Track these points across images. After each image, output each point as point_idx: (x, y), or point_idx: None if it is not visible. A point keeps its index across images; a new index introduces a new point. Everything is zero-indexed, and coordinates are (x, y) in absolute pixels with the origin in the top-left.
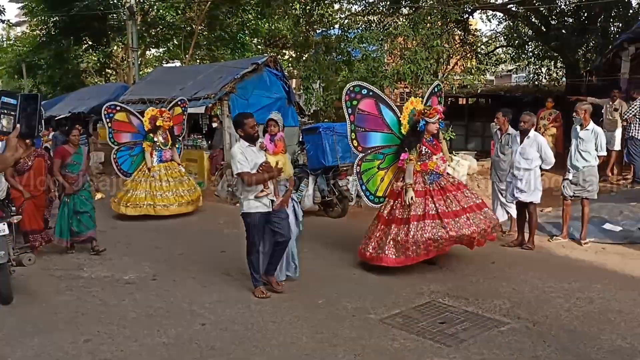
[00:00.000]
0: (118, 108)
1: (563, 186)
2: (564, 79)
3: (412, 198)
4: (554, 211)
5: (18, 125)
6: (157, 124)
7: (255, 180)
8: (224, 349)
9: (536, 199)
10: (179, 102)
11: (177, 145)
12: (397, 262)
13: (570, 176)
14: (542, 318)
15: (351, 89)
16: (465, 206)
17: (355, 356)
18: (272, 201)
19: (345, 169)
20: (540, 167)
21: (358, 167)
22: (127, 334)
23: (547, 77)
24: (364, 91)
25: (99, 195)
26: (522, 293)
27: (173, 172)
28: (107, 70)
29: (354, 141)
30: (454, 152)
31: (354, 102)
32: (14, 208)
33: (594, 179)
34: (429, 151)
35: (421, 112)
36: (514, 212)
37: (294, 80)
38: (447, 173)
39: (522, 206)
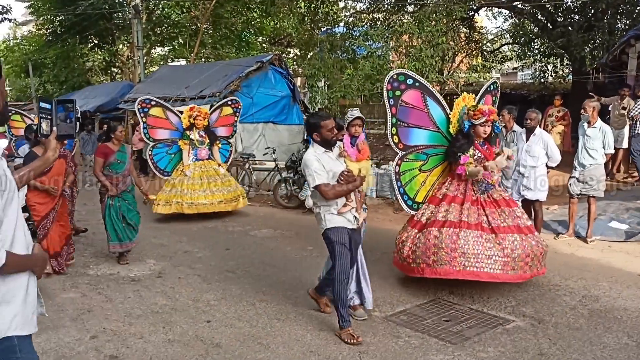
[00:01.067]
0: (153, 103)
1: (570, 184)
2: (570, 76)
3: (507, 157)
4: (559, 209)
5: (55, 128)
6: (190, 121)
7: (336, 193)
8: (229, 346)
9: (542, 196)
10: (230, 102)
11: (219, 146)
12: (442, 273)
13: (577, 174)
14: (547, 316)
15: (394, 77)
16: (522, 226)
17: (360, 354)
18: (356, 217)
19: None
20: (547, 165)
21: (397, 167)
22: (133, 330)
23: (553, 74)
24: (409, 81)
25: (152, 197)
26: (527, 291)
27: (208, 171)
28: (112, 69)
29: (395, 137)
30: None
31: (397, 93)
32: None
33: (601, 177)
34: (482, 156)
35: (467, 112)
36: None
37: (299, 79)
38: (500, 184)
39: (527, 204)
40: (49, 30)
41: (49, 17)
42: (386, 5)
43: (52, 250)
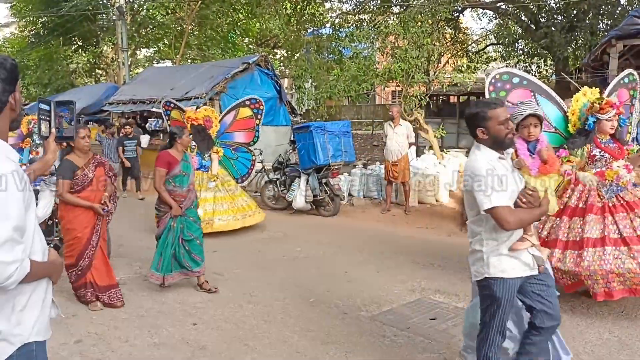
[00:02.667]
0: (172, 105)
1: None
2: (553, 76)
3: (591, 180)
4: None
5: (54, 130)
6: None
7: (521, 221)
8: (215, 349)
9: None
10: (249, 102)
11: (220, 153)
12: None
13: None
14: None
15: (497, 77)
16: None
17: (347, 354)
18: (534, 256)
19: (336, 167)
20: None
21: None
22: (118, 334)
23: (537, 74)
24: (516, 79)
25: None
26: None
27: (224, 183)
28: (97, 70)
29: None
30: (445, 149)
31: (501, 94)
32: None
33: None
34: (608, 155)
35: (591, 107)
36: None
37: (285, 80)
38: (634, 184)
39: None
40: (31, 32)
41: (31, 18)
42: (372, 7)
43: (102, 282)
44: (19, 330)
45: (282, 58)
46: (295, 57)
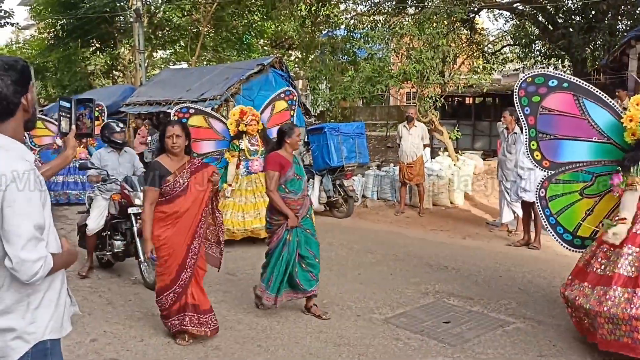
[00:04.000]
0: (192, 111)
1: None
2: None
3: (616, 235)
4: None
5: (74, 127)
6: (240, 129)
7: None
8: (228, 349)
9: None
10: (283, 94)
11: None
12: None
13: None
14: (548, 318)
15: (529, 80)
16: None
17: (359, 356)
18: None
19: (350, 169)
20: None
21: (543, 191)
22: (133, 333)
23: None
24: (553, 82)
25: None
26: (528, 293)
27: (259, 187)
28: (114, 72)
29: (536, 153)
30: (460, 151)
31: (535, 99)
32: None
33: None
34: None
35: None
36: (520, 212)
37: (300, 81)
38: None
39: (527, 206)
40: (51, 34)
41: (50, 21)
42: (387, 8)
43: (203, 306)
44: (34, 328)
45: (296, 59)
46: (310, 59)
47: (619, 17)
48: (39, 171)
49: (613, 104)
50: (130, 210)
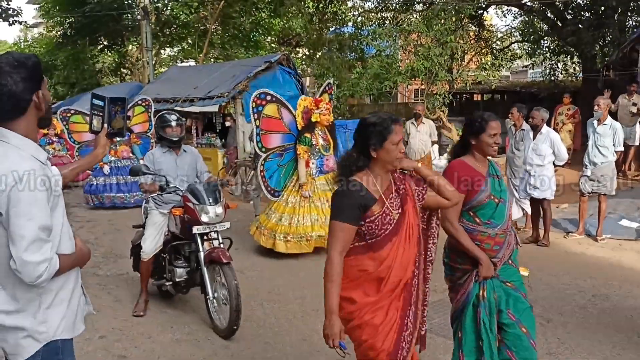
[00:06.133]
0: (269, 98)
1: (580, 182)
2: (580, 74)
3: None
4: (569, 207)
5: (105, 126)
6: (313, 119)
7: None
8: (237, 346)
9: (549, 195)
10: (327, 87)
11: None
12: None
13: (588, 172)
14: (556, 315)
15: None
16: None
17: None
18: None
19: None
20: (554, 163)
21: None
22: (141, 330)
23: (563, 72)
24: None
25: (525, 272)
26: (536, 290)
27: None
28: (122, 70)
29: None
30: None
31: None
32: None
33: (612, 175)
34: None
35: None
36: (528, 209)
37: (307, 78)
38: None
39: (536, 202)
40: (59, 32)
41: (59, 19)
42: (394, 4)
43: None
44: (45, 328)
45: (304, 57)
46: (318, 56)
47: (629, 13)
48: (67, 169)
49: None
50: (196, 229)
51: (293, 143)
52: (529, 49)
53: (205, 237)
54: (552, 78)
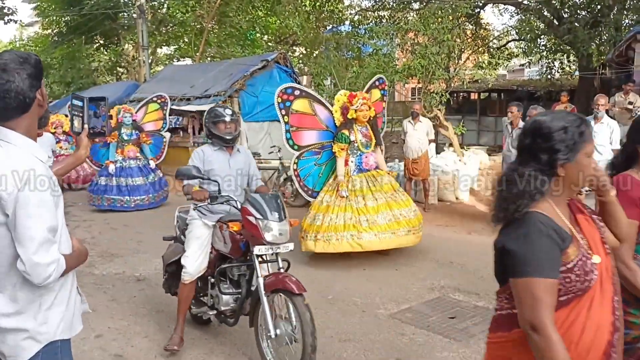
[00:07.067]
0: (297, 92)
1: None
2: (577, 72)
3: None
4: None
5: (86, 126)
6: (349, 116)
7: None
8: (234, 345)
9: None
10: (378, 83)
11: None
12: None
13: None
14: None
15: None
16: None
17: (365, 352)
18: None
19: None
20: None
21: None
22: (138, 329)
23: (560, 70)
24: None
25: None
26: None
27: (383, 185)
28: (118, 69)
29: None
30: (465, 147)
31: None
32: None
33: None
34: None
35: None
36: None
37: (304, 77)
38: None
39: None
40: (54, 31)
41: (54, 17)
42: (391, 3)
43: None
44: (45, 329)
45: (301, 55)
46: (314, 55)
47: (625, 12)
48: (52, 170)
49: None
50: (257, 249)
51: (331, 140)
52: (526, 47)
53: (260, 259)
54: (549, 76)
